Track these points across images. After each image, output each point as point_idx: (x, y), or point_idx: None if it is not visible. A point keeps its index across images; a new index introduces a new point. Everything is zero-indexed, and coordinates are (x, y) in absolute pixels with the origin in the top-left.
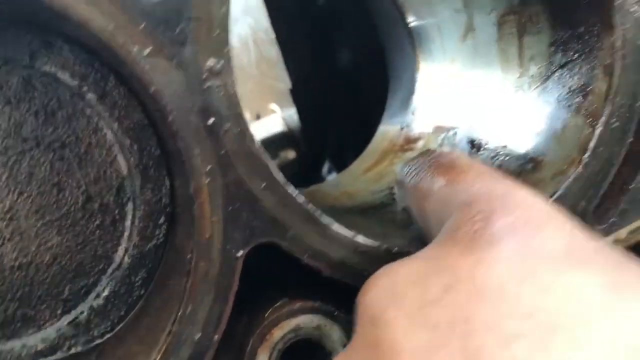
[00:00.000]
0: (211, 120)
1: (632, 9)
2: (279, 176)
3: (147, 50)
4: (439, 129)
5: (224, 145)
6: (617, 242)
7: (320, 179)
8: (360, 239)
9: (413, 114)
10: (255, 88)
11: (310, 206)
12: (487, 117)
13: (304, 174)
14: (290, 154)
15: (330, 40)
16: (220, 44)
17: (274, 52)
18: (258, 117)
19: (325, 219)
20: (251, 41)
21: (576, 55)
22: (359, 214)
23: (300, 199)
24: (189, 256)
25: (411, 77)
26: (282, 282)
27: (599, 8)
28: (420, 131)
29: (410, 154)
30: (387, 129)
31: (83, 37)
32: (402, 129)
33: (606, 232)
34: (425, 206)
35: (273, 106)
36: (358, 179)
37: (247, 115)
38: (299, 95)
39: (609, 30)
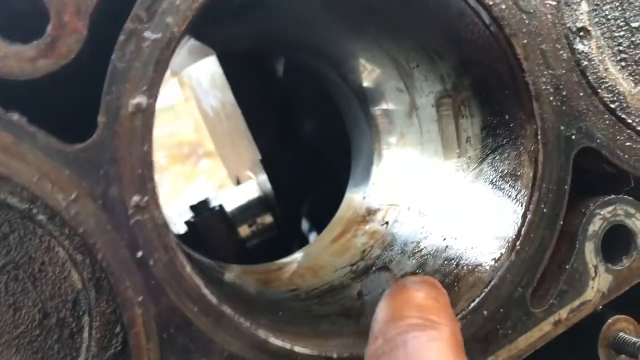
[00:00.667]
0: (140, 253)
1: (549, 99)
2: (210, 298)
3: (73, 195)
4: (394, 203)
5: (154, 275)
6: (558, 323)
7: (300, 239)
8: (297, 349)
9: (373, 184)
10: (232, 155)
11: (243, 321)
12: (433, 195)
13: (284, 235)
14: (268, 219)
15: (293, 114)
16: (144, 181)
17: (241, 125)
18: (238, 182)
19: (261, 334)
20: (222, 113)
21: (504, 141)
22: (317, 299)
23: (234, 316)
24: None
25: (369, 148)
26: None
27: (519, 98)
28: (379, 203)
29: (370, 226)
30: (352, 197)
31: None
32: (364, 198)
33: (546, 314)
34: None
35: (249, 173)
36: (325, 251)
37: (229, 180)
38: (271, 165)
39: (529, 119)
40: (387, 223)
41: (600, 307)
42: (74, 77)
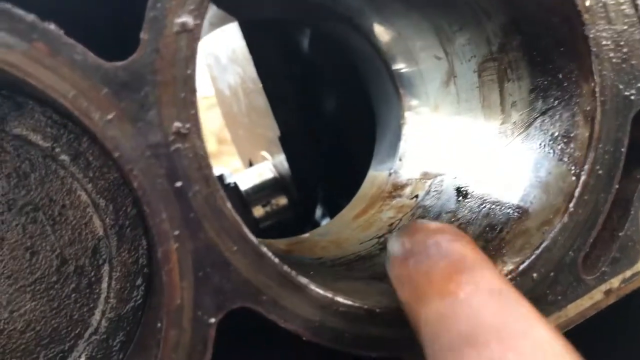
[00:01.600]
0: (179, 184)
1: (609, 55)
2: (252, 238)
3: (110, 116)
4: (425, 175)
5: (192, 209)
6: (609, 292)
7: (314, 223)
8: (340, 298)
9: (400, 160)
10: (246, 135)
11: (285, 268)
12: (472, 164)
13: (298, 219)
14: (282, 201)
15: (316, 88)
16: (187, 107)
17: (262, 101)
18: (250, 163)
19: (302, 280)
20: (241, 90)
21: (556, 102)
22: (345, 266)
23: (275, 260)
24: (159, 325)
25: (397, 123)
26: (265, 346)
27: (576, 55)
28: (408, 177)
29: (398, 201)
30: (376, 175)
31: (52, 99)
32: (390, 174)
33: (597, 282)
34: (421, 313)
35: (264, 153)
36: (347, 227)
37: (239, 162)
38: (289, 143)
39: (587, 77)
40: (416, 196)
41: None
42: None
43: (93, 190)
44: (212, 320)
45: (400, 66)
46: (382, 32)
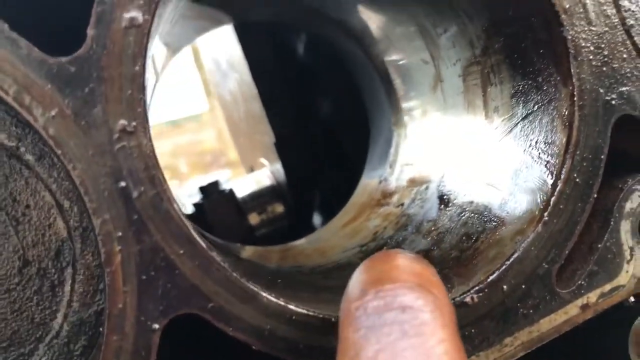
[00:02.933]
0: (123, 184)
1: (588, 58)
2: (200, 241)
3: (53, 112)
4: (412, 183)
5: (137, 210)
6: (586, 307)
7: (310, 231)
8: (292, 306)
9: (390, 167)
10: (246, 142)
11: (234, 274)
12: (456, 171)
13: (294, 226)
14: (279, 208)
15: (311, 95)
16: (133, 104)
17: (257, 106)
18: (252, 169)
19: (252, 286)
20: (240, 96)
21: (536, 107)
22: (322, 275)
23: (224, 265)
24: (100, 329)
25: (388, 129)
26: (213, 352)
27: (555, 57)
28: (396, 185)
29: (385, 209)
30: (367, 182)
31: None
32: (380, 182)
33: (573, 296)
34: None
35: (263, 160)
36: (336, 234)
37: (242, 168)
38: (285, 150)
39: (565, 80)
40: (402, 204)
41: (634, 296)
42: None
43: (57, 191)
44: (156, 326)
45: (391, 71)
46: (371, 37)
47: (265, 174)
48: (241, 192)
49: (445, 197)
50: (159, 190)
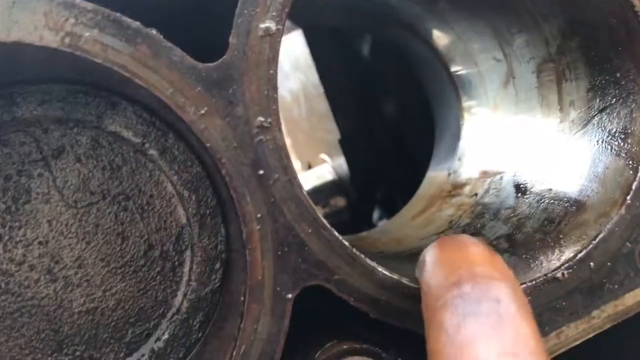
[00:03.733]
0: (261, 172)
1: None
2: (325, 222)
3: (203, 111)
4: (485, 174)
5: (273, 194)
6: None
7: (371, 225)
8: (405, 281)
9: (459, 159)
10: (306, 139)
11: (355, 250)
12: (531, 161)
13: (356, 221)
14: (341, 202)
15: (376, 92)
16: (269, 103)
17: (323, 105)
18: (309, 166)
19: (370, 263)
20: (302, 95)
21: (614, 100)
22: (407, 259)
23: (346, 243)
24: (242, 299)
25: (456, 124)
26: (333, 323)
27: (633, 54)
28: (467, 176)
29: (457, 199)
30: (435, 175)
31: (145, 98)
32: (449, 175)
33: None
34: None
35: (323, 156)
36: (406, 225)
37: (299, 164)
38: (349, 146)
39: None
40: (475, 195)
41: None
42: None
43: (178, 182)
44: (290, 295)
45: (459, 68)
46: (441, 36)
47: (327, 169)
48: (304, 186)
49: (522, 185)
50: (291, 177)
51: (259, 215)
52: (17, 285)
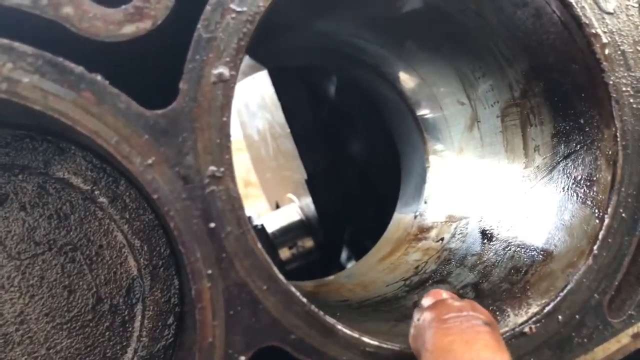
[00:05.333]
0: (212, 225)
1: (629, 101)
2: (281, 277)
3: (150, 161)
4: (451, 218)
5: (225, 248)
6: (637, 335)
7: (339, 266)
8: (367, 339)
9: (426, 202)
10: (273, 178)
11: (313, 307)
12: (497, 207)
13: (324, 261)
14: (308, 243)
15: (342, 133)
16: (222, 152)
17: (289, 145)
18: (277, 206)
19: (330, 320)
20: (269, 135)
21: (579, 146)
22: (371, 307)
23: (303, 300)
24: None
25: (422, 166)
26: None
27: (597, 101)
28: (433, 220)
29: (423, 243)
30: (401, 217)
31: (93, 145)
32: (415, 217)
33: (624, 325)
34: None
35: (291, 196)
36: (373, 269)
37: (267, 204)
38: (316, 186)
39: (608, 122)
40: (442, 239)
41: None
42: (158, 44)
43: (129, 231)
44: (242, 358)
45: (424, 112)
46: (407, 79)
47: (294, 209)
48: (270, 227)
49: (488, 232)
50: (244, 229)
51: (209, 272)
52: None
